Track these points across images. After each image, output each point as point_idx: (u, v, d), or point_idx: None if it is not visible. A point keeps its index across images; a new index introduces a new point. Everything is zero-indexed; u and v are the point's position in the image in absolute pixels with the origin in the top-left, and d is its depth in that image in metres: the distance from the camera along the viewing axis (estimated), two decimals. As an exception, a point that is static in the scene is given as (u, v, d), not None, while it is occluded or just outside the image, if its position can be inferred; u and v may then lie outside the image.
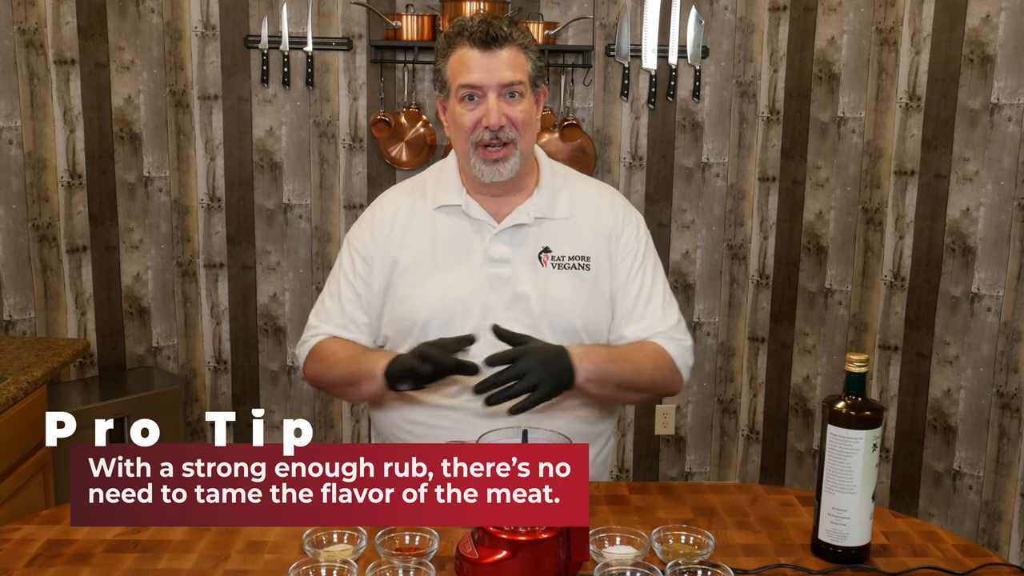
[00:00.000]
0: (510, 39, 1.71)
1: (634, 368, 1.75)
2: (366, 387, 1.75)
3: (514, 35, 1.72)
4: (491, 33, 1.69)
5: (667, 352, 1.80)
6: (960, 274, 3.09)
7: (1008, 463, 3.07)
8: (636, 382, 1.76)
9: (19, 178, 3.06)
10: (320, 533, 1.40)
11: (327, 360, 1.82)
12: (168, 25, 3.36)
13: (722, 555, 1.45)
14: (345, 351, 1.81)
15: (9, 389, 2.30)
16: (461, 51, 1.71)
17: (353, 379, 1.77)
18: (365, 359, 1.76)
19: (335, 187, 3.53)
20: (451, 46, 1.73)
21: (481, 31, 1.69)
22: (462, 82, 1.71)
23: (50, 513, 1.60)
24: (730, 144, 3.58)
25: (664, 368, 1.79)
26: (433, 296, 1.77)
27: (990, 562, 1.46)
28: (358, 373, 1.75)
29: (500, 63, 1.70)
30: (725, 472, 3.80)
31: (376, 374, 1.71)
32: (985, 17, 2.96)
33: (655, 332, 1.81)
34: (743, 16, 3.49)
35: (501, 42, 1.70)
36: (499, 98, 1.70)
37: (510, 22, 1.73)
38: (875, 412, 1.42)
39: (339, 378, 1.80)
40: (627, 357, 1.76)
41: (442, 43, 1.76)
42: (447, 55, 1.74)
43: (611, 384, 1.73)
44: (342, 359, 1.80)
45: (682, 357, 1.82)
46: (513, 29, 1.72)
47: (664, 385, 1.81)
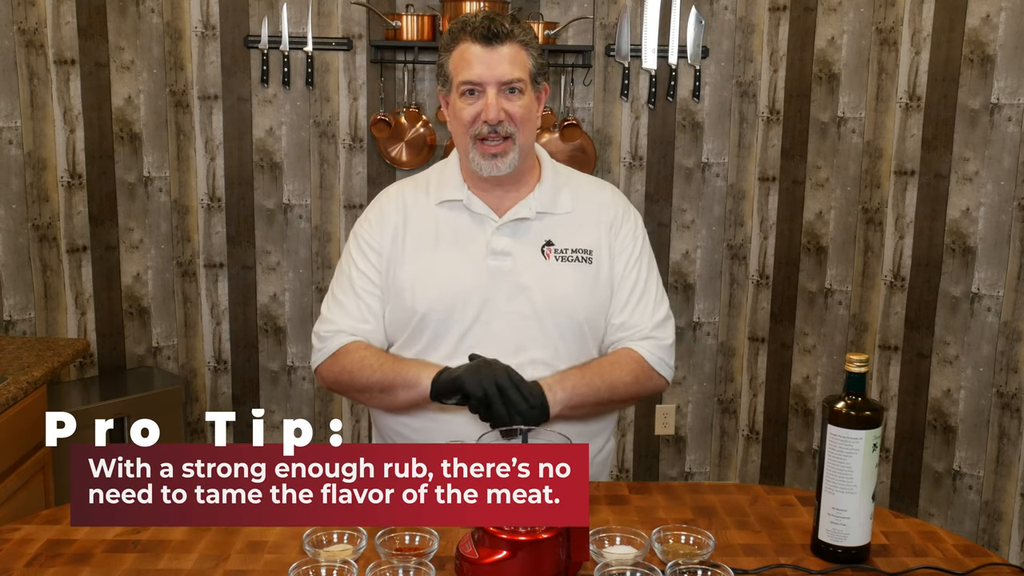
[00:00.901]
0: (512, 36, 1.73)
1: (610, 386, 1.77)
2: (402, 395, 1.73)
3: (516, 32, 1.73)
4: (493, 29, 1.71)
5: (645, 359, 1.82)
6: (960, 274, 3.09)
7: (1008, 463, 3.07)
8: (613, 397, 1.79)
9: (19, 178, 3.06)
10: (320, 533, 1.40)
11: (355, 364, 1.78)
12: (168, 25, 3.36)
13: (722, 555, 1.45)
14: (377, 357, 1.78)
15: (9, 389, 2.30)
16: (464, 46, 1.73)
17: (388, 385, 1.74)
18: (403, 366, 1.74)
19: (335, 187, 3.53)
20: (454, 41, 1.75)
21: (483, 27, 1.71)
22: (463, 78, 1.72)
23: (50, 513, 1.60)
24: (730, 144, 3.58)
25: (643, 378, 1.82)
26: (433, 288, 1.77)
27: (990, 562, 1.46)
28: (395, 380, 1.73)
29: (501, 59, 1.71)
30: (725, 472, 3.80)
31: (420, 382, 1.69)
32: (985, 17, 2.96)
33: (639, 329, 1.83)
34: (743, 16, 3.49)
35: (503, 38, 1.71)
36: (499, 93, 1.72)
37: (512, 19, 1.75)
38: (875, 412, 1.42)
39: (371, 384, 1.77)
40: (603, 376, 1.77)
41: (446, 38, 1.78)
42: (450, 50, 1.76)
43: (588, 406, 1.75)
44: (373, 364, 1.76)
45: (661, 359, 1.83)
46: (515, 26, 1.74)
47: (645, 392, 1.85)
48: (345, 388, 1.84)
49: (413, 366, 1.74)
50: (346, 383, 1.81)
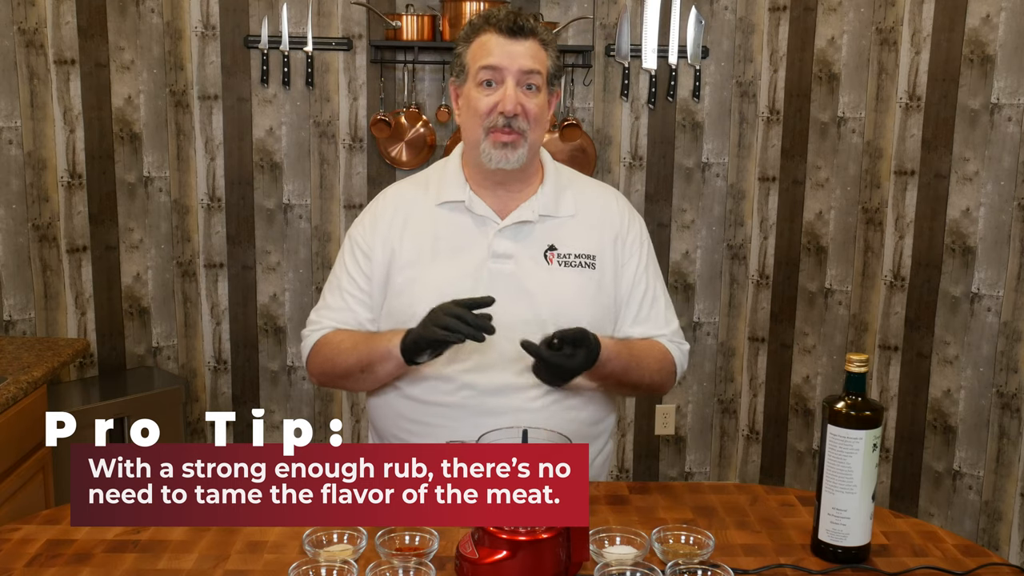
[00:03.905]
0: (535, 32, 1.74)
1: (638, 365, 1.78)
2: (381, 368, 1.73)
3: (539, 30, 1.75)
4: (518, 23, 1.72)
5: (672, 356, 1.85)
6: (960, 274, 3.09)
7: (1008, 463, 3.07)
8: (638, 382, 1.80)
9: (19, 178, 3.06)
10: (320, 533, 1.40)
11: (333, 351, 1.80)
12: (168, 25, 3.36)
13: (722, 555, 1.45)
14: (351, 339, 1.79)
15: (9, 389, 2.30)
16: (486, 36, 1.74)
17: (366, 363, 1.75)
18: (375, 341, 1.75)
19: (335, 187, 3.53)
20: (475, 32, 1.75)
21: (508, 20, 1.72)
22: (483, 63, 1.72)
23: (50, 513, 1.60)
24: (730, 144, 3.58)
25: (665, 372, 1.84)
26: (431, 291, 1.76)
27: (990, 562, 1.46)
28: (371, 356, 1.73)
29: (523, 51, 1.72)
30: (725, 472, 3.80)
31: (391, 351, 1.69)
32: (985, 17, 2.96)
33: (659, 335, 1.85)
34: (743, 16, 3.49)
35: (527, 33, 1.73)
36: (517, 86, 1.72)
37: (535, 18, 1.76)
38: (875, 412, 1.42)
39: (351, 366, 1.77)
40: (637, 356, 1.78)
41: (466, 30, 1.78)
42: (470, 40, 1.76)
43: (615, 376, 1.75)
44: (349, 347, 1.78)
45: (682, 362, 1.87)
46: (538, 24, 1.75)
47: (658, 387, 1.86)
48: (332, 378, 1.85)
49: (383, 338, 1.74)
50: (330, 372, 1.82)
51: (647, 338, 1.84)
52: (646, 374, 1.80)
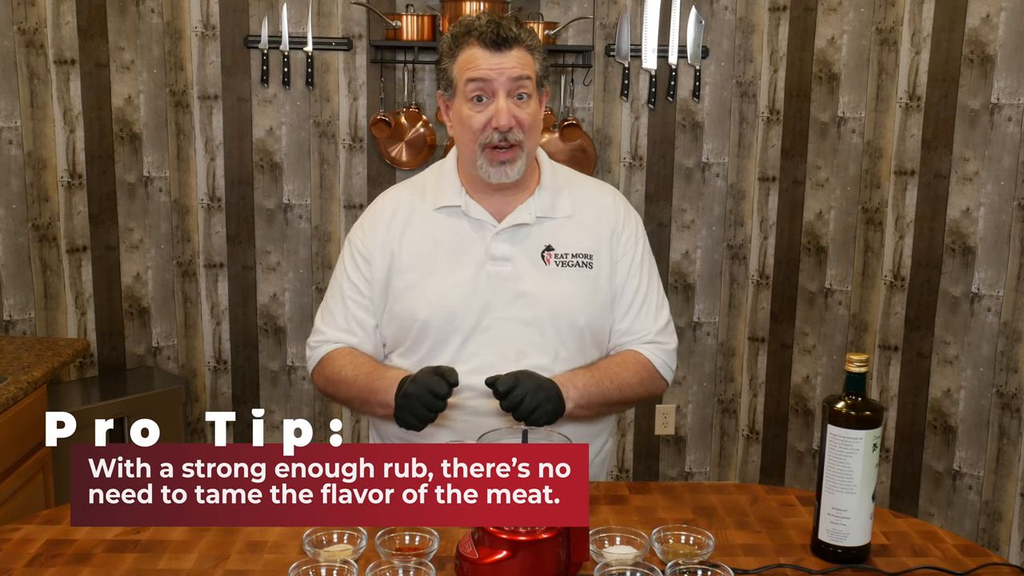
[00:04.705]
0: (519, 40, 1.71)
1: (619, 387, 1.78)
2: (380, 412, 1.75)
3: (523, 36, 1.71)
4: (501, 34, 1.68)
5: (651, 362, 1.84)
6: (960, 274, 3.09)
7: (1008, 463, 3.07)
8: (621, 399, 1.80)
9: (19, 178, 3.06)
10: (320, 533, 1.40)
11: (335, 375, 1.81)
12: (168, 25, 3.36)
13: (722, 555, 1.45)
14: (352, 369, 1.79)
15: (9, 389, 2.30)
16: (470, 51, 1.70)
17: (365, 402, 1.77)
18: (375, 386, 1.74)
19: (335, 187, 3.53)
20: (459, 46, 1.72)
21: (491, 31, 1.69)
22: (471, 76, 1.69)
23: (50, 513, 1.60)
24: (730, 144, 3.58)
25: (648, 381, 1.84)
26: (432, 295, 1.77)
27: (990, 562, 1.46)
28: (370, 399, 1.75)
29: (510, 61, 1.69)
30: (725, 472, 3.80)
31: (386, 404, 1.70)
32: (985, 17, 2.96)
33: (643, 334, 1.84)
34: (743, 16, 3.49)
35: (511, 43, 1.69)
36: (508, 96, 1.70)
37: (517, 22, 1.73)
38: (875, 412, 1.42)
39: (350, 399, 1.80)
40: (611, 376, 1.78)
41: (448, 42, 1.74)
42: (454, 55, 1.72)
43: (596, 405, 1.76)
44: (349, 377, 1.78)
45: (665, 362, 1.86)
46: (521, 30, 1.72)
47: (648, 394, 1.87)
48: (333, 398, 1.87)
49: (382, 385, 1.73)
50: (332, 394, 1.85)
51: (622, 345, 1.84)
52: (628, 391, 1.80)
